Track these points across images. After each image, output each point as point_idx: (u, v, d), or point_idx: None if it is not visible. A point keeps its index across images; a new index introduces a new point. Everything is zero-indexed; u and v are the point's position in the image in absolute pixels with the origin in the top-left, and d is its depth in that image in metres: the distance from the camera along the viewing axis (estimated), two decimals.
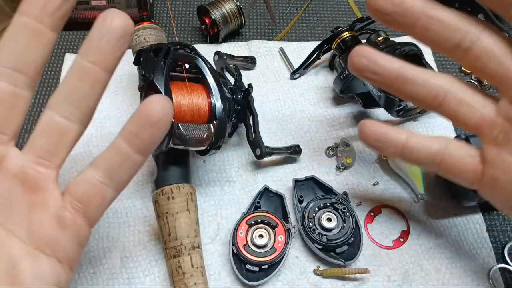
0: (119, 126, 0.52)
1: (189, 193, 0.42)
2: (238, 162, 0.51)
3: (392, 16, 0.27)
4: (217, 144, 0.42)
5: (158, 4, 0.65)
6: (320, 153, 0.51)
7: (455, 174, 0.31)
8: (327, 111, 0.55)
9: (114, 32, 0.26)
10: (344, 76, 0.51)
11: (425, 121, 0.54)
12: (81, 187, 0.28)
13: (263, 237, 0.43)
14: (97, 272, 0.44)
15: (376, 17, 0.27)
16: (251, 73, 0.58)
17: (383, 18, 0.27)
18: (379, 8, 0.27)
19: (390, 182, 0.50)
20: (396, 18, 0.27)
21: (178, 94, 0.40)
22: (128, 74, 0.57)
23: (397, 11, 0.26)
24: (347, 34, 0.52)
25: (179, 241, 0.40)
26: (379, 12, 0.27)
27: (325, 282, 0.43)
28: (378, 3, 0.26)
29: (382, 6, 0.26)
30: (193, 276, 0.39)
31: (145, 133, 0.27)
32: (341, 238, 0.43)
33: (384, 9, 0.26)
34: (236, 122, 0.48)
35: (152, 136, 0.27)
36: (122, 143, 0.28)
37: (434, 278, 0.44)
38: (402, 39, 0.59)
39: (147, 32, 0.48)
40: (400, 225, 0.47)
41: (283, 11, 0.64)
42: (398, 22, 0.27)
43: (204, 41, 0.61)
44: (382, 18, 0.27)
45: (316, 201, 0.45)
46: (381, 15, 0.27)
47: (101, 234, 0.46)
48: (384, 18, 0.27)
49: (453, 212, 0.48)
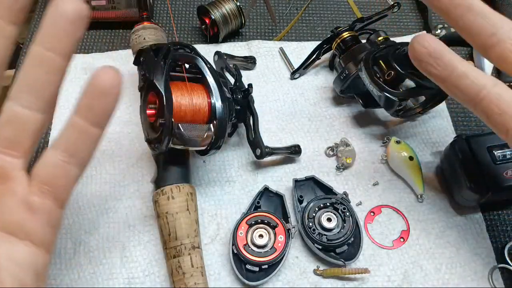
0: (119, 126, 0.53)
1: (189, 193, 0.42)
2: (238, 162, 0.51)
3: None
4: (217, 144, 0.42)
5: (158, 4, 0.65)
6: (320, 153, 0.51)
7: (492, 116, 0.29)
8: (327, 111, 0.55)
9: (66, 17, 0.26)
10: (344, 76, 0.51)
11: (425, 121, 0.54)
12: (45, 170, 0.29)
13: (263, 237, 0.43)
14: (97, 272, 0.44)
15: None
16: (251, 73, 0.58)
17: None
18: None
19: (390, 182, 0.50)
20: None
21: (178, 94, 0.40)
22: (128, 74, 0.57)
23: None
24: (347, 34, 0.52)
25: (179, 241, 0.40)
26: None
27: (325, 282, 0.43)
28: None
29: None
30: (193, 276, 0.39)
31: (98, 104, 0.28)
32: (341, 238, 0.43)
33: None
34: (236, 122, 0.48)
35: (104, 106, 0.28)
36: (77, 119, 0.28)
37: (434, 278, 0.44)
38: (402, 39, 0.59)
39: (147, 32, 0.48)
40: (400, 225, 0.47)
41: (283, 11, 0.64)
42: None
43: (204, 41, 0.61)
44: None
45: (316, 201, 0.45)
46: None
47: (101, 234, 0.46)
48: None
49: (453, 212, 0.48)
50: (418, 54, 0.31)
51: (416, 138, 0.53)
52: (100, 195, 0.48)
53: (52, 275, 0.44)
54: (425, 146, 0.52)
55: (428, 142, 0.52)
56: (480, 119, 0.31)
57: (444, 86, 0.31)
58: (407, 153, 0.49)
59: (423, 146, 0.52)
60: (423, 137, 0.53)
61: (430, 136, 0.53)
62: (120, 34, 0.62)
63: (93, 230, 0.46)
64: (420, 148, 0.52)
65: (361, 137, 0.53)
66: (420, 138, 0.53)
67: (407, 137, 0.52)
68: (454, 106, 0.55)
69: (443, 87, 0.31)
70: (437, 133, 0.53)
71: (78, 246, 0.45)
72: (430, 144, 0.52)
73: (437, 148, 0.52)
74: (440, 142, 0.52)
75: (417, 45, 0.31)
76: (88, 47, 0.60)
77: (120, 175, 0.50)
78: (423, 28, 0.62)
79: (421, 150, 0.51)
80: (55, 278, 0.44)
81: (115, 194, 0.48)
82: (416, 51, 0.31)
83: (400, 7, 0.54)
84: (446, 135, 0.53)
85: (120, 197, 0.48)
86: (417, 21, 0.64)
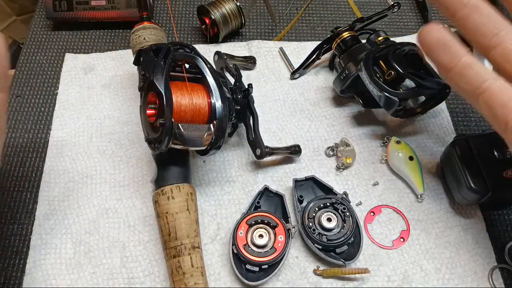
0: (119, 126, 0.53)
1: (189, 193, 0.42)
2: (238, 162, 0.51)
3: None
4: (217, 144, 0.42)
5: (158, 4, 0.65)
6: (320, 153, 0.51)
7: (494, 108, 0.30)
8: (327, 111, 0.55)
9: None
10: (344, 76, 0.51)
11: (425, 121, 0.54)
12: None
13: (263, 237, 0.43)
14: (97, 272, 0.44)
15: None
16: (251, 73, 0.58)
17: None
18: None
19: (390, 182, 0.50)
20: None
21: (178, 94, 0.40)
22: (128, 74, 0.57)
23: None
24: (347, 34, 0.52)
25: (179, 241, 0.40)
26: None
27: (325, 282, 0.43)
28: None
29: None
30: (193, 276, 0.39)
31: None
32: (341, 238, 0.43)
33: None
34: (236, 122, 0.48)
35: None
36: None
37: (434, 278, 0.44)
38: (402, 39, 0.59)
39: (147, 32, 0.48)
40: (400, 225, 0.47)
41: (283, 11, 0.64)
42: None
43: (204, 41, 0.61)
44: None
45: (316, 201, 0.45)
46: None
47: (101, 234, 0.46)
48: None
49: (453, 212, 0.48)
50: (428, 41, 0.31)
51: (416, 138, 0.53)
52: (100, 195, 0.48)
53: (52, 275, 0.44)
54: (425, 146, 0.52)
55: (428, 142, 0.52)
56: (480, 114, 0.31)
57: (448, 76, 0.32)
58: (407, 153, 0.49)
59: (423, 146, 0.52)
60: (423, 137, 0.53)
61: (430, 136, 0.53)
62: (120, 34, 0.62)
63: (93, 230, 0.46)
64: (420, 148, 0.52)
65: (361, 137, 0.53)
66: (420, 138, 0.53)
67: (407, 137, 0.52)
68: (454, 106, 0.55)
69: (447, 77, 0.32)
70: (437, 133, 0.53)
71: (78, 246, 0.45)
72: (430, 144, 0.52)
73: (437, 148, 0.52)
74: (440, 142, 0.52)
75: (427, 32, 0.31)
76: (88, 47, 0.60)
77: (120, 175, 0.50)
78: None
79: (421, 150, 0.51)
80: (55, 278, 0.44)
81: (115, 194, 0.48)
82: (426, 38, 0.31)
83: (400, 7, 0.54)
84: (446, 135, 0.53)
85: (120, 197, 0.48)
86: (417, 21, 0.64)
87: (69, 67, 0.58)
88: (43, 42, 0.61)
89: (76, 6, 0.59)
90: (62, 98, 0.55)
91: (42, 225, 0.46)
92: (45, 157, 0.51)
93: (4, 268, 0.45)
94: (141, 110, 0.43)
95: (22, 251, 0.46)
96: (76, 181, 0.49)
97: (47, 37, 0.61)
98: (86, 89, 0.56)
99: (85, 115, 0.54)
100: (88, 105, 0.55)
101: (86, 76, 0.57)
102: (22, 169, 0.50)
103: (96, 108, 0.54)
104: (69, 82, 0.56)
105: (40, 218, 0.47)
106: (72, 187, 0.49)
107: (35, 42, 0.61)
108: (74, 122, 0.53)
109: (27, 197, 0.49)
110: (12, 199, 0.49)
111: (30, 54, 0.60)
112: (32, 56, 0.59)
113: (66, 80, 0.57)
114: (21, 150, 0.52)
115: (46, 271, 0.44)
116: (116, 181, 0.49)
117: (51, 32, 0.62)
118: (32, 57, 0.59)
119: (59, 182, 0.49)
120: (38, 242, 0.45)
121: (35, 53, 0.60)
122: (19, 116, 0.54)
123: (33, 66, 0.58)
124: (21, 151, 0.52)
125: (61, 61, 0.59)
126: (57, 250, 0.45)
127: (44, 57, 0.59)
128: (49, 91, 0.56)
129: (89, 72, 0.57)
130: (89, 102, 0.55)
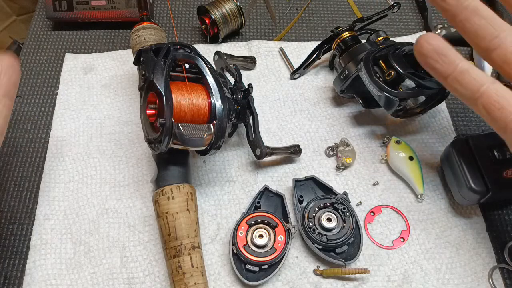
0: (119, 126, 0.53)
1: (189, 193, 0.42)
2: (238, 162, 0.51)
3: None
4: (217, 144, 0.42)
5: (158, 4, 0.65)
6: (320, 153, 0.51)
7: (493, 112, 0.30)
8: (327, 111, 0.55)
9: None
10: (344, 76, 0.51)
11: (425, 121, 0.54)
12: None
13: (263, 237, 0.43)
14: (97, 272, 0.44)
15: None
16: (251, 73, 0.58)
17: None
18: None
19: (390, 182, 0.50)
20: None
21: (178, 94, 0.40)
22: (128, 74, 0.57)
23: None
24: (347, 34, 0.52)
25: (179, 241, 0.40)
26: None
27: (325, 282, 0.43)
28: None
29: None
30: (193, 276, 0.39)
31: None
32: (341, 238, 0.43)
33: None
34: (236, 122, 0.48)
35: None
36: None
37: (434, 278, 0.44)
38: (402, 39, 0.59)
39: (147, 32, 0.48)
40: (400, 225, 0.47)
41: (283, 11, 0.64)
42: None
43: (204, 41, 0.61)
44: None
45: (316, 201, 0.45)
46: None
47: (101, 234, 0.46)
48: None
49: (453, 212, 0.48)
50: (424, 50, 0.32)
51: (416, 138, 0.53)
52: (100, 195, 0.48)
53: (52, 275, 0.44)
54: (425, 146, 0.52)
55: (428, 142, 0.52)
56: (480, 117, 0.32)
57: (446, 82, 0.32)
58: (407, 153, 0.49)
59: (423, 146, 0.52)
60: (423, 137, 0.53)
61: (430, 136, 0.53)
62: (120, 34, 0.62)
63: (93, 230, 0.46)
64: (420, 148, 0.52)
65: (361, 137, 0.53)
66: (420, 138, 0.53)
67: (407, 137, 0.52)
68: (454, 106, 0.55)
69: (445, 83, 0.32)
70: (437, 133, 0.53)
71: (78, 246, 0.45)
72: (430, 144, 0.52)
73: (437, 148, 0.52)
74: (440, 142, 0.52)
75: (423, 41, 0.32)
76: (88, 47, 0.60)
77: (120, 175, 0.50)
78: (423, 28, 0.62)
79: (421, 150, 0.51)
80: (55, 278, 0.44)
81: (115, 194, 0.48)
82: (422, 47, 0.32)
83: (400, 7, 0.54)
84: (446, 135, 0.53)
85: (120, 197, 0.48)
86: (417, 21, 0.64)
87: (69, 67, 0.58)
88: (43, 42, 0.61)
89: (76, 6, 0.59)
90: (62, 98, 0.55)
91: (42, 225, 0.46)
92: (45, 157, 0.51)
93: (4, 268, 0.45)
94: (141, 110, 0.43)
95: (22, 251, 0.46)
96: (76, 181, 0.49)
97: (47, 37, 0.61)
98: (86, 89, 0.56)
99: (85, 115, 0.54)
100: (88, 105, 0.55)
101: (86, 76, 0.57)
102: (22, 169, 0.50)
103: (96, 108, 0.54)
104: (69, 82, 0.56)
105: (40, 218, 0.47)
106: (72, 187, 0.49)
107: (35, 42, 0.61)
108: (74, 122, 0.53)
109: (27, 197, 0.49)
110: (12, 199, 0.49)
111: (30, 54, 0.60)
112: (32, 56, 0.59)
113: (66, 80, 0.57)
114: (21, 150, 0.52)
115: (46, 271, 0.44)
116: (116, 181, 0.49)
117: (51, 32, 0.62)
118: (32, 57, 0.59)
119: (59, 182, 0.49)
120: (38, 242, 0.45)
121: (35, 53, 0.60)
122: (19, 116, 0.54)
123: (33, 66, 0.58)
124: (21, 151, 0.52)
125: (61, 61, 0.59)
126: (57, 250, 0.45)
127: (44, 57, 0.59)
128: (49, 91, 0.56)
129: (89, 72, 0.57)
130: (89, 102, 0.55)
